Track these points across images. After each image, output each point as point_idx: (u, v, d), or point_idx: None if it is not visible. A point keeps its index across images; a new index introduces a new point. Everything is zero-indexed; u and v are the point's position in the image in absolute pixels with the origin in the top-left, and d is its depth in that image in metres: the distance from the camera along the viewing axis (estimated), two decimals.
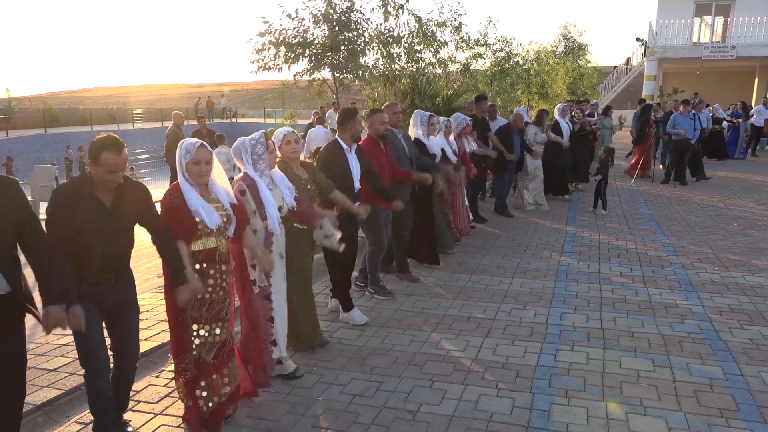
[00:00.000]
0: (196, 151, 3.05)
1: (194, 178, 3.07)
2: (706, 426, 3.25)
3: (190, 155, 3.05)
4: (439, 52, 13.39)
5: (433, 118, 6.52)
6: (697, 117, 12.14)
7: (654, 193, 11.26)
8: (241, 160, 3.66)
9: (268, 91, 30.19)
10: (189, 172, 3.07)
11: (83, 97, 67.65)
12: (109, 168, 2.73)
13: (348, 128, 4.68)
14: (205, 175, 3.08)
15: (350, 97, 17.50)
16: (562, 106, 10.85)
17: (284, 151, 4.01)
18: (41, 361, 4.01)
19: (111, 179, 2.77)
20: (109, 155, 2.71)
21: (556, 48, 23.93)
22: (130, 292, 3.08)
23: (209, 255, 3.12)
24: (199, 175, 3.07)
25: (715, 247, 7.10)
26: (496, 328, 4.67)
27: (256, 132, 3.73)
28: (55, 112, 36.17)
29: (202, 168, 3.06)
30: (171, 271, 3.00)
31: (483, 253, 6.92)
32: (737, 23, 21.20)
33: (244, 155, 3.63)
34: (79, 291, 2.76)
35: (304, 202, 3.91)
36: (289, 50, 10.74)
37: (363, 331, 4.62)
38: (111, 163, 2.72)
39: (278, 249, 3.78)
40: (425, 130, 6.41)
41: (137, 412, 3.47)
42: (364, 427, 3.27)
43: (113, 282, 2.93)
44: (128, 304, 3.06)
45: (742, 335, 4.49)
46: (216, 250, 3.15)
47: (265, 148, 3.64)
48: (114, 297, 2.96)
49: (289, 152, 4.02)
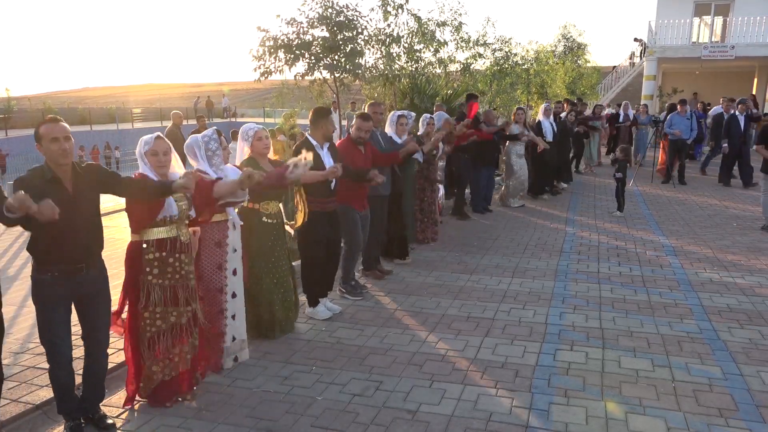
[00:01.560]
0: (154, 142, 3.31)
1: (154, 169, 3.31)
2: (706, 426, 3.25)
3: (148, 146, 3.31)
4: (439, 52, 13.39)
5: (403, 118, 6.58)
6: (694, 117, 12.16)
7: (653, 193, 11.26)
8: (194, 157, 3.81)
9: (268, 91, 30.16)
10: (149, 163, 3.30)
11: (82, 97, 67.58)
12: (51, 135, 2.83)
13: (320, 127, 4.75)
14: (164, 165, 3.32)
15: (350, 97, 17.50)
16: (545, 106, 10.85)
17: (256, 147, 4.17)
18: (41, 361, 4.00)
19: (58, 149, 2.84)
20: (47, 126, 2.87)
21: (556, 48, 23.93)
22: (103, 282, 3.19)
23: (170, 243, 3.34)
24: (158, 166, 3.30)
25: (715, 247, 7.11)
26: (496, 327, 4.67)
27: (209, 129, 3.89)
28: (54, 112, 36.02)
29: (160, 158, 3.30)
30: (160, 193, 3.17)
31: (482, 253, 6.92)
32: (736, 23, 21.19)
33: (197, 152, 3.78)
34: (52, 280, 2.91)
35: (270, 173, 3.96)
36: (288, 52, 10.76)
37: (362, 331, 4.62)
38: (50, 130, 2.85)
39: (233, 243, 3.89)
40: (395, 129, 6.47)
41: (137, 411, 3.46)
42: (364, 427, 3.27)
43: (85, 271, 3.02)
44: (100, 293, 3.17)
45: (742, 335, 4.49)
46: (177, 239, 3.37)
47: (218, 144, 3.81)
48: (87, 287, 3.07)
49: (261, 148, 4.17)
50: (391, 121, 6.53)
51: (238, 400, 3.57)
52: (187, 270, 3.43)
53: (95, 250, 3.11)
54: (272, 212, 4.28)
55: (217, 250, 3.82)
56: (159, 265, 3.33)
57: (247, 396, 3.62)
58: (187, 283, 3.44)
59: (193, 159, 3.82)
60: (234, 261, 3.92)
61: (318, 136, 4.76)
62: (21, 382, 3.71)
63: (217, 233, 3.81)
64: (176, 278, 3.38)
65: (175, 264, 3.37)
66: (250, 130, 4.20)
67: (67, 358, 3.08)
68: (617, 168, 9.14)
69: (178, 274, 3.38)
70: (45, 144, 2.86)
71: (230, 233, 3.88)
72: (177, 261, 3.38)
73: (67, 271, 2.96)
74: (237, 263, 3.94)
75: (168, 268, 3.35)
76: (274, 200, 4.28)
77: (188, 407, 3.48)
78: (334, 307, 5.01)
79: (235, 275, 3.93)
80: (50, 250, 2.90)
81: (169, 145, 3.37)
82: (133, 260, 3.34)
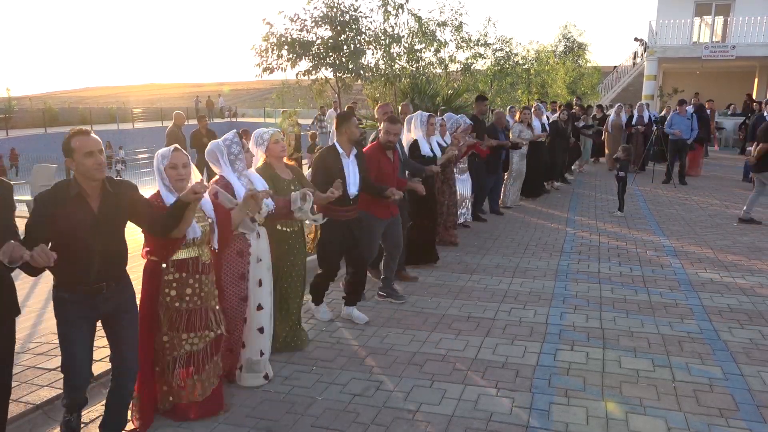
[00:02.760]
0: (171, 155, 3.09)
1: (174, 183, 3.08)
2: (706, 426, 3.25)
3: (166, 160, 3.10)
4: (440, 52, 13.40)
5: (433, 118, 6.42)
6: (694, 117, 12.15)
7: (654, 192, 11.26)
8: (217, 163, 3.63)
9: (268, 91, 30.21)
10: (168, 177, 3.09)
11: (83, 97, 67.58)
12: (84, 149, 2.64)
13: (344, 132, 4.56)
14: (184, 178, 3.08)
15: (351, 97, 17.49)
16: (536, 106, 10.81)
17: (273, 150, 4.02)
18: (41, 361, 4.01)
19: (92, 164, 2.65)
20: (79, 138, 2.66)
21: (556, 48, 23.93)
22: (128, 300, 2.98)
23: (191, 264, 3.15)
24: (177, 179, 3.08)
25: (715, 247, 7.11)
26: (496, 327, 4.67)
27: (229, 132, 3.71)
28: (55, 112, 36.14)
29: (180, 171, 3.07)
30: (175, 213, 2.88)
31: (483, 253, 6.92)
32: (737, 23, 21.18)
33: (220, 157, 3.60)
34: (73, 299, 2.76)
35: (279, 198, 3.85)
36: (291, 51, 10.76)
37: (363, 331, 4.62)
38: (83, 144, 2.64)
39: (256, 253, 3.72)
40: (425, 131, 6.27)
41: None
42: (364, 427, 3.27)
43: (105, 290, 2.83)
44: (126, 312, 2.96)
45: (742, 335, 4.49)
46: (198, 259, 3.18)
47: (240, 148, 3.62)
48: (110, 305, 2.87)
49: (278, 151, 4.02)
50: (421, 122, 6.26)
51: (238, 400, 3.57)
52: (207, 292, 3.23)
53: (117, 269, 2.92)
54: (288, 220, 4.04)
55: (239, 259, 3.63)
56: (178, 286, 3.13)
57: (247, 396, 3.62)
58: (208, 305, 3.24)
59: (216, 165, 3.63)
60: (259, 271, 3.72)
61: (343, 142, 4.56)
62: (21, 382, 3.71)
63: (239, 242, 3.62)
64: (195, 300, 3.17)
65: (195, 285, 3.17)
66: (264, 134, 4.02)
67: (83, 378, 2.89)
68: (619, 167, 9.14)
69: (197, 296, 3.18)
70: (78, 158, 2.65)
71: (253, 242, 3.69)
72: (197, 282, 3.17)
73: (86, 291, 2.78)
74: (263, 274, 3.75)
75: (187, 289, 3.15)
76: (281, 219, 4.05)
77: None
78: (361, 316, 4.83)
79: (261, 286, 3.73)
80: (68, 270, 2.73)
81: (188, 157, 3.16)
82: (151, 280, 3.15)
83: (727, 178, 13.05)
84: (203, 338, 3.24)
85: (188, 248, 3.15)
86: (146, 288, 3.17)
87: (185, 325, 3.16)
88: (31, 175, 9.89)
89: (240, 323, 3.69)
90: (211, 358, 3.29)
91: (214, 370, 3.33)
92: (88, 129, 2.75)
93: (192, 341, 3.20)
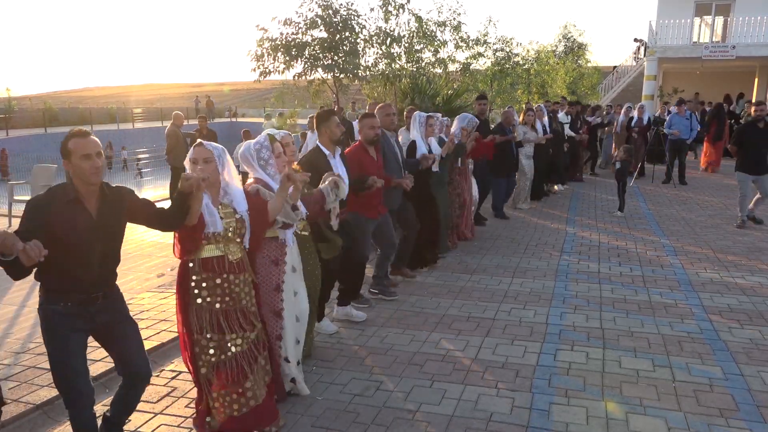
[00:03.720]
0: (193, 150, 3.01)
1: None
2: (706, 426, 3.25)
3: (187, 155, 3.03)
4: (439, 52, 13.40)
5: (432, 119, 6.32)
6: (693, 117, 12.15)
7: (654, 192, 11.26)
8: (250, 166, 3.50)
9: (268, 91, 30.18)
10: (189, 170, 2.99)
11: (83, 97, 67.55)
12: (82, 151, 2.53)
13: (324, 132, 4.41)
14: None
15: (350, 97, 17.50)
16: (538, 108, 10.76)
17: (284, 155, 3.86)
18: (41, 361, 4.01)
19: (89, 167, 2.55)
20: (76, 140, 2.56)
21: (556, 48, 23.93)
22: (121, 309, 2.88)
23: (216, 262, 3.02)
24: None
25: (715, 247, 7.11)
26: (496, 327, 4.67)
27: (260, 135, 3.57)
28: (55, 112, 36.11)
29: (199, 167, 2.96)
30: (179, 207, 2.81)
31: (483, 253, 6.92)
32: (737, 23, 21.17)
33: (251, 161, 3.47)
34: (66, 311, 2.63)
35: (310, 196, 3.76)
36: (287, 53, 10.80)
37: (363, 331, 4.62)
38: (81, 146, 2.54)
39: (291, 261, 3.56)
40: (423, 132, 6.16)
41: (137, 411, 3.45)
42: (364, 427, 3.27)
43: (100, 301, 2.73)
44: (122, 320, 2.86)
45: (742, 335, 4.49)
46: (224, 258, 3.03)
47: (270, 152, 3.48)
48: (104, 315, 2.76)
49: (288, 155, 3.81)
50: (419, 123, 6.14)
51: None
52: (239, 291, 3.09)
53: (113, 277, 2.83)
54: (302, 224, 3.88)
55: (274, 268, 3.47)
56: (207, 286, 3.01)
57: None
58: (241, 305, 3.10)
59: (251, 168, 3.51)
60: (294, 281, 3.57)
61: (325, 142, 4.41)
62: (21, 382, 3.71)
63: (273, 250, 3.46)
64: (227, 301, 3.04)
65: (223, 285, 3.03)
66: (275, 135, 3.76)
67: (89, 398, 2.75)
68: (620, 167, 9.15)
69: (229, 296, 3.05)
70: (75, 160, 2.54)
71: (288, 250, 3.53)
72: (226, 282, 3.04)
73: (81, 301, 2.66)
74: (298, 284, 3.61)
75: (217, 290, 3.02)
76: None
77: (189, 407, 3.48)
78: (360, 314, 4.84)
79: (296, 296, 3.59)
80: (63, 278, 2.60)
81: (211, 152, 3.01)
82: (182, 281, 3.06)
83: (727, 178, 13.05)
84: (244, 340, 3.08)
85: (212, 245, 3.01)
86: (179, 291, 3.07)
87: (221, 325, 3.03)
88: (31, 176, 9.89)
89: (276, 339, 3.49)
90: (256, 361, 3.12)
91: (261, 374, 3.15)
92: (88, 130, 2.66)
93: (230, 343, 3.04)
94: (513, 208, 9.62)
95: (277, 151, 3.52)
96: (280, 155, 3.54)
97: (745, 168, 7.92)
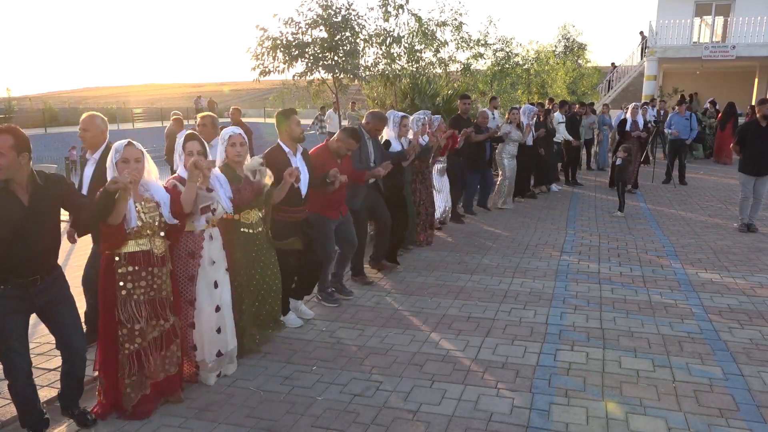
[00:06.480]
0: (124, 150, 3.12)
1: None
2: (706, 426, 3.25)
3: (118, 154, 3.13)
4: (440, 52, 13.40)
5: (406, 119, 6.43)
6: (693, 117, 12.13)
7: (654, 192, 11.26)
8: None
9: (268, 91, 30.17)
10: (119, 171, 3.08)
11: (83, 97, 67.58)
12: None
13: (283, 130, 4.50)
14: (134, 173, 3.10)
15: (350, 97, 17.50)
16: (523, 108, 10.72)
17: (228, 153, 3.92)
18: (41, 361, 4.01)
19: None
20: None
21: (556, 48, 23.92)
22: (61, 288, 3.10)
23: (142, 256, 3.21)
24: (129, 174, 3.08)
25: (715, 247, 7.11)
26: (496, 327, 4.67)
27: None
28: (55, 112, 36.07)
29: (131, 165, 3.09)
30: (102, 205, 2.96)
31: (483, 253, 6.92)
32: (737, 23, 21.17)
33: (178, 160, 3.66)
34: (5, 294, 2.83)
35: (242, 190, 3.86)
36: (287, 53, 10.80)
37: (363, 331, 4.62)
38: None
39: (209, 254, 3.70)
40: (397, 132, 6.34)
41: None
42: (364, 427, 3.26)
43: (40, 282, 2.94)
44: (61, 300, 3.09)
45: (742, 335, 4.49)
46: (150, 252, 3.24)
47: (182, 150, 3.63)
48: (43, 296, 2.98)
49: (233, 155, 3.92)
50: (394, 123, 6.29)
51: (238, 400, 3.57)
52: (160, 283, 3.31)
53: (51, 260, 3.03)
54: (252, 221, 4.03)
55: (190, 260, 3.64)
56: (132, 279, 3.20)
57: (247, 396, 3.62)
58: (162, 296, 3.33)
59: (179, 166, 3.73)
60: (213, 273, 3.72)
61: (286, 141, 4.50)
62: None
63: (190, 243, 3.63)
64: (150, 293, 3.26)
65: (148, 278, 3.24)
66: (225, 134, 3.95)
67: (24, 371, 3.01)
68: (620, 166, 9.14)
69: (152, 288, 3.27)
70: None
71: (206, 244, 3.68)
72: (150, 275, 3.25)
73: (20, 284, 2.88)
74: (218, 276, 3.74)
75: (141, 282, 3.22)
76: (254, 208, 4.03)
77: (189, 407, 3.48)
78: (307, 311, 4.89)
79: (217, 288, 3.73)
80: (2, 263, 2.81)
81: (142, 153, 3.17)
82: (107, 274, 3.21)
83: (727, 177, 13.05)
84: (160, 327, 3.33)
85: (138, 240, 3.19)
86: (103, 282, 3.22)
87: (144, 314, 3.24)
88: None
89: (186, 327, 3.66)
90: (168, 347, 3.38)
91: (171, 358, 3.41)
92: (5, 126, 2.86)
93: (150, 330, 3.28)
94: (495, 207, 9.58)
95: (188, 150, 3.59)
96: (191, 153, 3.59)
97: (747, 169, 7.91)
